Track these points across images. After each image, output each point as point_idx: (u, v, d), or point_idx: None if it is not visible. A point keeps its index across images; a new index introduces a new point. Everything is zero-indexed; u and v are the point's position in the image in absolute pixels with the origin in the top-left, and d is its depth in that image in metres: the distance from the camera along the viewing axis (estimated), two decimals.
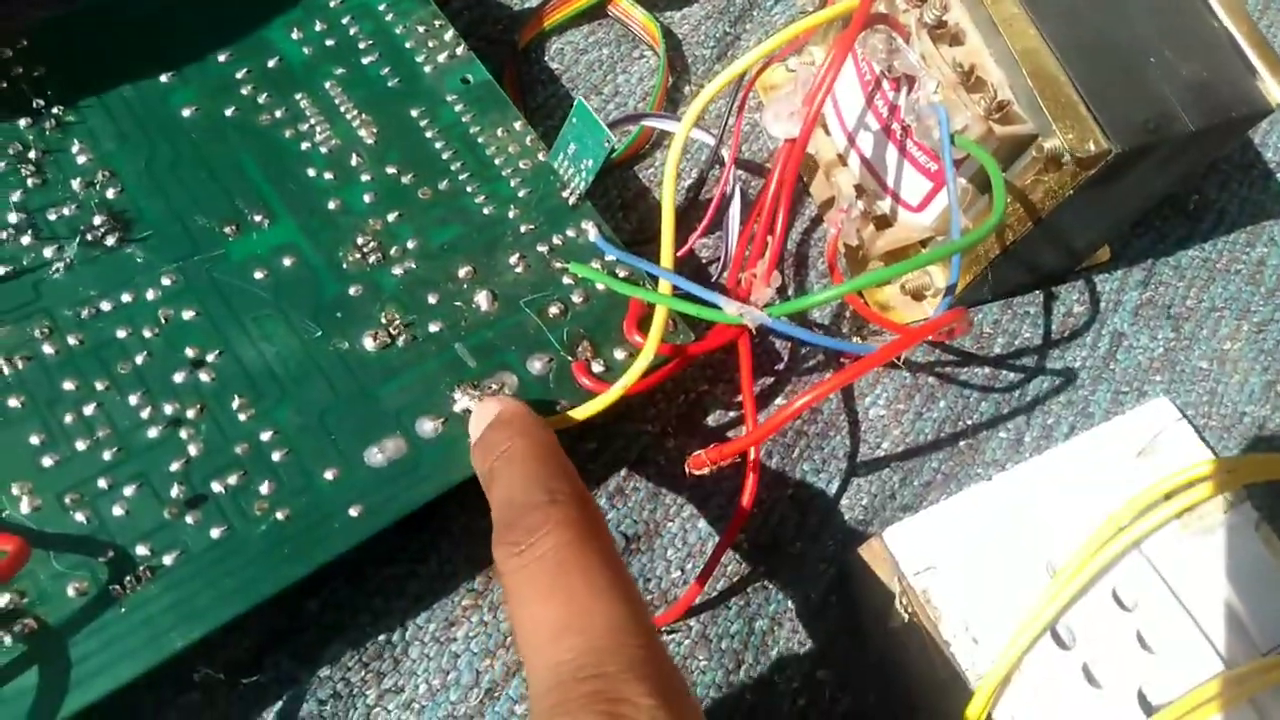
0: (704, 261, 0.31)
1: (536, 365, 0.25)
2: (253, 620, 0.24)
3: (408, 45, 0.29)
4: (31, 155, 0.24)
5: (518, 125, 0.28)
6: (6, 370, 0.22)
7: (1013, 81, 0.27)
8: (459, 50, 0.29)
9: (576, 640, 0.18)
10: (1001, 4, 0.27)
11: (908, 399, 0.31)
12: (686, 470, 0.24)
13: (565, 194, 0.27)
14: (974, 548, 0.26)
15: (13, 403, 0.22)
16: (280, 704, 0.24)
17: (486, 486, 0.22)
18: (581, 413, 0.24)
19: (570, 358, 0.25)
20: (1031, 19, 0.27)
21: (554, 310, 0.26)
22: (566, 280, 0.26)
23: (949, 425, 0.31)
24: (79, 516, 0.21)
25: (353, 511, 0.22)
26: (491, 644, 0.26)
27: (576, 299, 0.26)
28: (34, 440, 0.21)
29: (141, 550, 0.21)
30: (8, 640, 0.20)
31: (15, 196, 0.24)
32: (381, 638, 0.25)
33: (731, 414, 0.30)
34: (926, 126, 0.27)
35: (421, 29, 0.29)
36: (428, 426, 0.24)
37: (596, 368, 0.25)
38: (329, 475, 0.23)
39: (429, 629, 0.26)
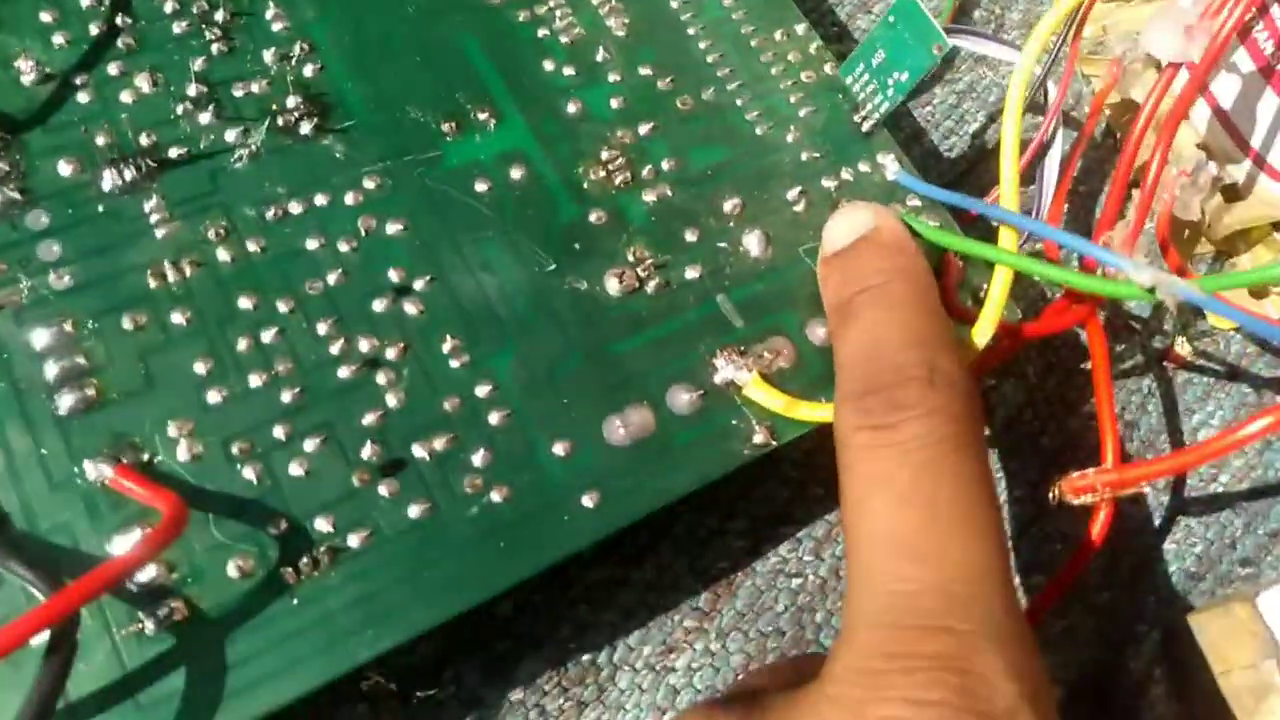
0: None
1: (819, 332, 0.19)
2: None
3: None
4: (218, 17, 0.20)
5: (800, 29, 0.22)
6: (172, 276, 0.17)
7: None
8: None
9: (923, 572, 0.14)
10: None
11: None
12: (1052, 497, 0.18)
13: (858, 117, 0.21)
14: None
15: (176, 318, 0.17)
16: None
17: (836, 320, 0.18)
18: None
19: None
20: None
21: None
22: None
23: None
24: (247, 473, 0.16)
25: (586, 500, 0.17)
26: (719, 681, 0.20)
27: None
28: (199, 368, 0.17)
29: (322, 525, 0.16)
30: (149, 627, 0.15)
31: (197, 65, 0.19)
32: (586, 657, 0.20)
33: (1029, 418, 0.23)
34: None
35: None
36: (682, 399, 0.18)
37: None
38: (559, 450, 0.17)
39: (642, 652, 0.20)
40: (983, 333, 0.18)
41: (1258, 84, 0.24)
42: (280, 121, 0.19)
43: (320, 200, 0.18)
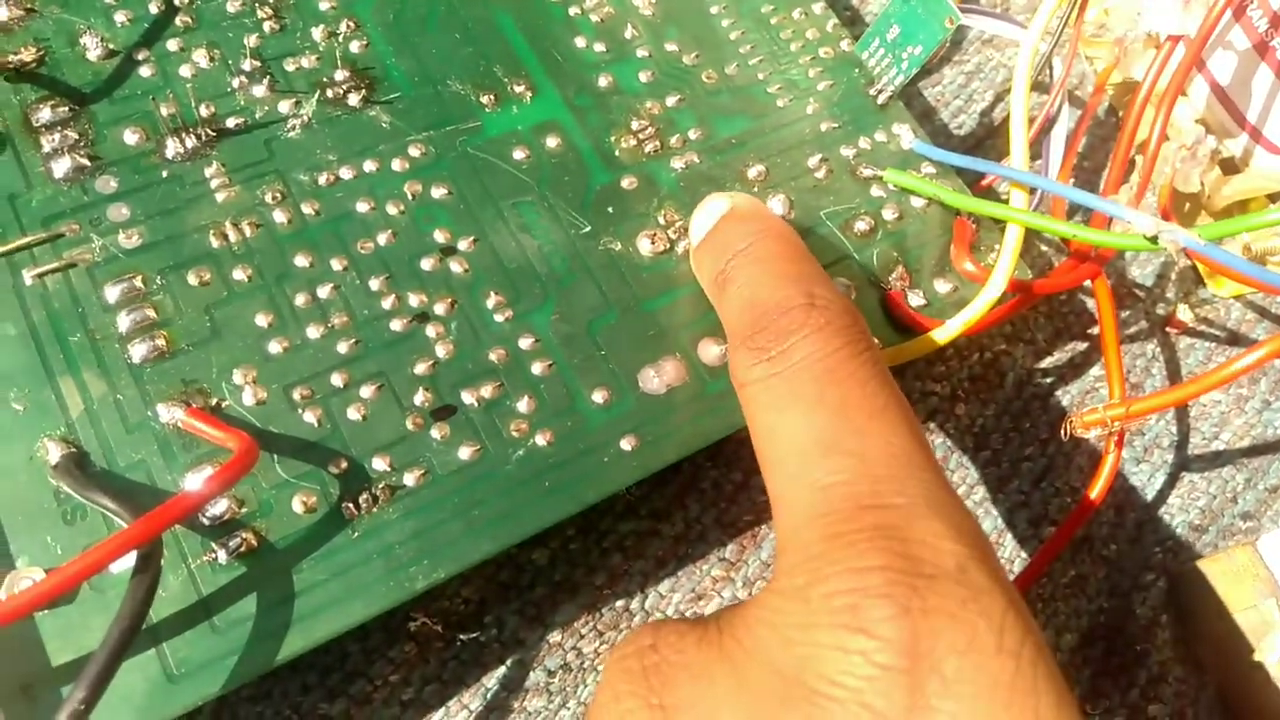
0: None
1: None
2: (474, 568, 0.21)
3: None
4: None
5: (817, 8, 0.24)
6: (232, 236, 0.18)
7: None
8: None
9: (848, 461, 0.14)
10: None
11: (1251, 382, 0.25)
12: (1064, 432, 0.19)
13: (874, 90, 0.23)
14: None
15: (238, 275, 0.18)
16: (504, 669, 0.20)
17: (716, 291, 0.18)
18: (902, 354, 0.19)
19: (882, 285, 0.20)
20: None
21: (861, 226, 0.21)
22: (877, 191, 0.21)
23: None
24: (309, 417, 0.17)
25: (625, 444, 0.18)
26: None
27: (889, 214, 0.21)
28: (261, 321, 0.18)
29: (379, 465, 0.17)
30: (222, 556, 0.16)
31: (250, 41, 0.20)
32: (619, 604, 0.21)
33: (1039, 380, 0.25)
34: None
35: None
36: (713, 351, 0.19)
37: (914, 300, 0.20)
38: (598, 398, 0.18)
39: (672, 599, 0.21)
40: (996, 284, 0.19)
41: (1253, 61, 0.25)
42: (330, 94, 0.20)
43: (369, 167, 0.19)
